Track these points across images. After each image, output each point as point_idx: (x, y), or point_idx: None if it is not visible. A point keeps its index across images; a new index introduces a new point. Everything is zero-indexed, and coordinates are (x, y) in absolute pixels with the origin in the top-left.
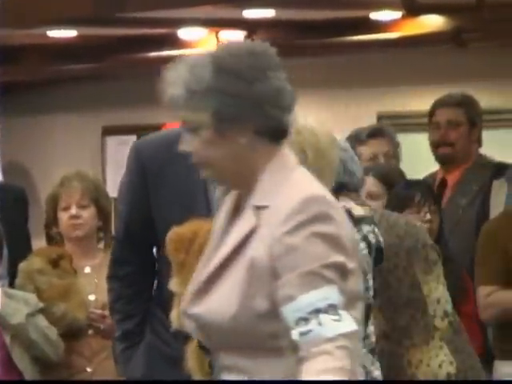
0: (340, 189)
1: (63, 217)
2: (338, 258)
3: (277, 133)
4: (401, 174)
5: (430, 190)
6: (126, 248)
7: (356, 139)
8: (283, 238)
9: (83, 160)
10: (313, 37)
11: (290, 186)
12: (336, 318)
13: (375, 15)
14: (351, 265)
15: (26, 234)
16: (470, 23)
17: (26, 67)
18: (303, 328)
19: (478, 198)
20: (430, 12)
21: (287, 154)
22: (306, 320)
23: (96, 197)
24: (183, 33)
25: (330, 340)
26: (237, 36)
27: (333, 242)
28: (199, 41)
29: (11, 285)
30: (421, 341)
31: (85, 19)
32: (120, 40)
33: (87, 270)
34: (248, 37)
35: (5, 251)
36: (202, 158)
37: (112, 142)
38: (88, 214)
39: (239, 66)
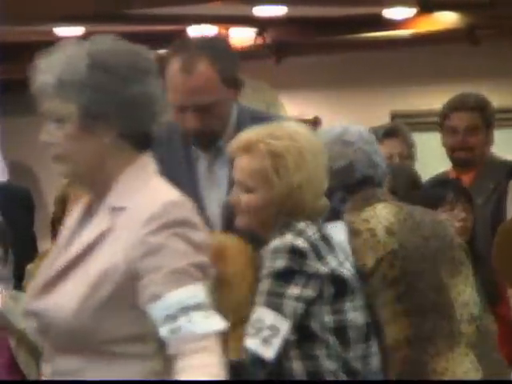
0: (364, 182)
1: None
2: (203, 258)
3: (141, 139)
4: (410, 174)
5: (462, 188)
6: None
7: None
8: (146, 239)
9: None
10: (324, 34)
11: (149, 190)
12: (205, 315)
13: (388, 12)
14: (212, 271)
15: (31, 236)
16: (484, 20)
17: (31, 65)
18: (172, 325)
19: (494, 197)
20: (443, 9)
21: (149, 161)
22: (174, 318)
23: None
24: (192, 30)
25: (202, 337)
26: (247, 33)
27: (195, 244)
28: None
29: (17, 287)
30: (446, 348)
31: (91, 16)
32: (128, 37)
33: None
34: (259, 34)
35: (10, 253)
36: (62, 151)
37: None
38: None
39: (117, 64)
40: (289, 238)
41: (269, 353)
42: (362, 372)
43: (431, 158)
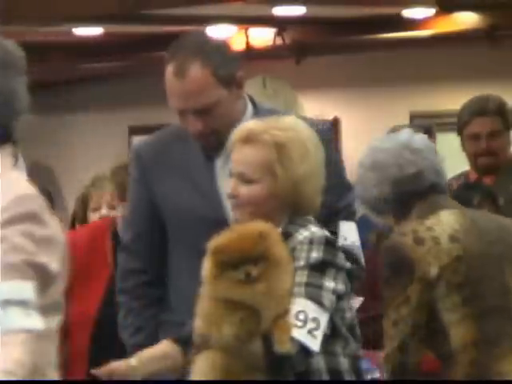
0: (432, 190)
1: (93, 218)
2: (43, 258)
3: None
4: None
5: (488, 191)
6: (132, 257)
7: None
8: None
9: (109, 160)
10: (344, 34)
11: (3, 183)
12: (26, 313)
13: (408, 12)
14: (56, 269)
15: None
16: (505, 20)
17: (50, 65)
18: None
19: None
20: (463, 9)
21: (6, 154)
22: None
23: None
24: (211, 30)
25: (12, 332)
26: (267, 33)
27: (38, 241)
28: (228, 38)
29: None
30: (510, 350)
31: (110, 16)
32: (147, 38)
33: None
34: (278, 34)
35: None
36: None
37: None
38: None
39: None
40: (317, 230)
41: (315, 345)
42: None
43: (450, 158)
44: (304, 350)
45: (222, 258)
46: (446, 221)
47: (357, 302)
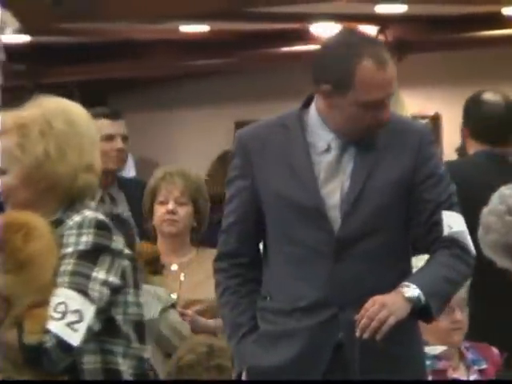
0: None
1: (159, 210)
2: None
3: None
4: None
5: None
6: (229, 240)
7: None
8: None
9: (215, 154)
10: (444, 32)
11: None
12: None
13: (508, 10)
14: None
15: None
16: None
17: (157, 62)
18: None
19: None
20: None
21: None
22: None
23: (196, 197)
24: (315, 28)
25: None
26: (369, 31)
27: None
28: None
29: None
30: None
31: (216, 14)
32: (251, 35)
33: (174, 267)
34: (380, 32)
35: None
36: None
37: None
38: (185, 211)
39: None
40: (90, 213)
41: (75, 339)
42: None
43: None
44: (62, 344)
45: None
46: None
47: None
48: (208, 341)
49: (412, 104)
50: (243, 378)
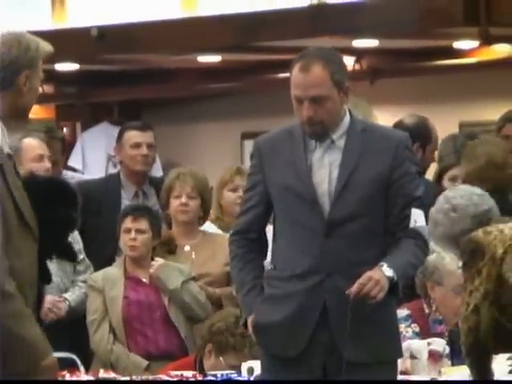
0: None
1: (174, 203)
2: None
3: None
4: None
5: None
6: (244, 221)
7: None
8: None
9: (226, 160)
10: (408, 61)
11: None
12: None
13: (457, 44)
14: None
15: None
16: None
17: (179, 85)
18: None
19: None
20: (501, 41)
21: None
22: None
23: (202, 192)
24: None
25: None
26: (347, 61)
27: None
28: None
29: None
30: None
31: (228, 47)
32: (256, 64)
33: (187, 248)
34: (357, 61)
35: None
36: None
37: (250, 144)
38: (195, 203)
39: None
40: None
41: None
42: None
43: None
44: None
45: None
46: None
47: None
48: (235, 312)
49: (381, 118)
50: (248, 324)
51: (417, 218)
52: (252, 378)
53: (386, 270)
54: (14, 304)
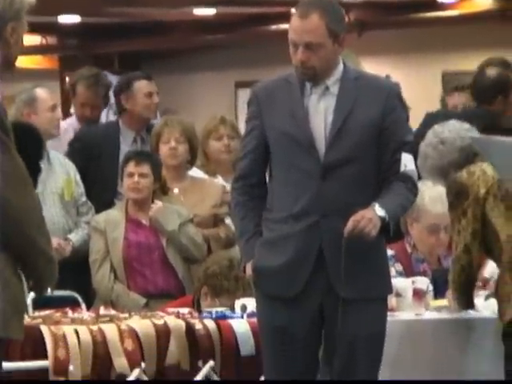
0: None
1: (164, 148)
2: None
3: None
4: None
5: None
6: (244, 166)
7: None
8: None
9: (221, 107)
10: (393, 14)
11: None
12: None
13: None
14: None
15: None
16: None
17: (175, 38)
18: None
19: None
20: None
21: None
22: None
23: (190, 137)
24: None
25: None
26: None
27: None
28: None
29: None
30: None
31: (222, 1)
32: (249, 16)
33: (176, 190)
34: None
35: None
36: None
37: (243, 93)
38: (183, 148)
39: None
40: None
41: None
42: None
43: None
44: None
45: None
46: (489, 166)
47: None
48: (229, 256)
49: (368, 69)
50: (247, 269)
51: (407, 162)
52: (245, 315)
53: (378, 210)
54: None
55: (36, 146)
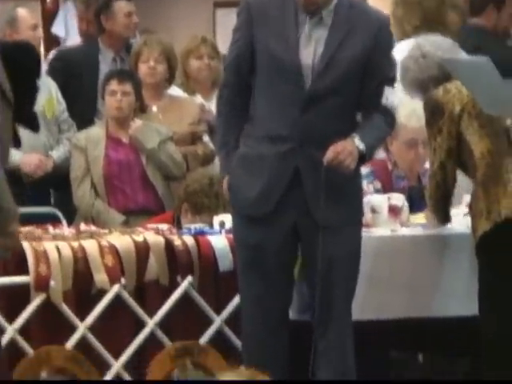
0: None
1: (143, 67)
2: None
3: None
4: None
5: None
6: (229, 72)
7: None
8: None
9: (199, 27)
10: None
11: None
12: None
13: None
14: None
15: None
16: None
17: None
18: None
19: None
20: None
21: None
22: None
23: (169, 56)
24: None
25: None
26: None
27: None
28: None
29: None
30: None
31: None
32: None
33: (154, 108)
34: None
35: None
36: None
37: (221, 13)
38: (162, 67)
39: None
40: None
41: None
42: None
43: None
44: None
45: None
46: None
47: None
48: (209, 173)
49: None
50: (224, 185)
51: (388, 95)
52: (223, 231)
53: (358, 143)
54: None
55: (33, 64)
